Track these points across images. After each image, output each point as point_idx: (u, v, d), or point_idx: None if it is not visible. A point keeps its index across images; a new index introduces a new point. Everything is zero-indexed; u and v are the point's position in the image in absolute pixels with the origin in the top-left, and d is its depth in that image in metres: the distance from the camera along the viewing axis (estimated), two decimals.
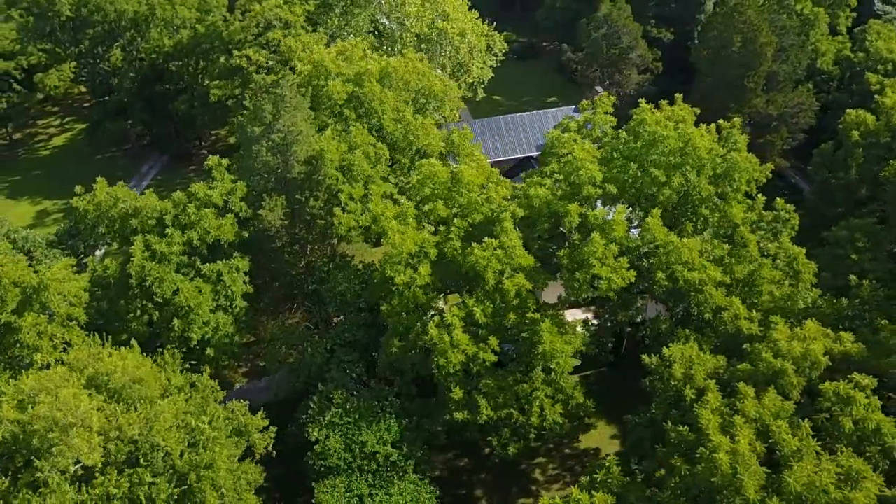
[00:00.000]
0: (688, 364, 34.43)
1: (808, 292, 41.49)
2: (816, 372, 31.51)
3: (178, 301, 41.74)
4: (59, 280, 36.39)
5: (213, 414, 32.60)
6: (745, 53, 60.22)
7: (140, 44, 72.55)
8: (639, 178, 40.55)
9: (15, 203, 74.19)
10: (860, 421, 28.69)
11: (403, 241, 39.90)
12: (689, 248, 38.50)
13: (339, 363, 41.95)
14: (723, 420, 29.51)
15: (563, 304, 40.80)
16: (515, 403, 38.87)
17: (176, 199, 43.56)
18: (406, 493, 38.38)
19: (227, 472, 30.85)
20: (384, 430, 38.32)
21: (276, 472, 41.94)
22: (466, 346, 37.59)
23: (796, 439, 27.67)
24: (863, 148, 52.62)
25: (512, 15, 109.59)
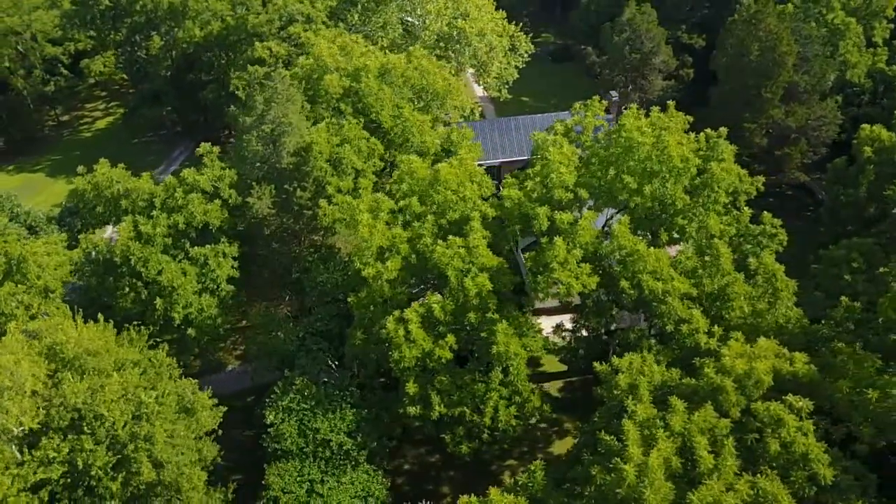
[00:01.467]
0: (636, 374, 33.95)
1: (789, 310, 40.20)
2: (759, 391, 30.65)
3: (161, 281, 43.48)
4: (38, 254, 38.48)
5: (162, 390, 33.91)
6: (763, 62, 58.43)
7: (175, 34, 75.38)
8: (611, 184, 40.04)
9: (53, 181, 78.26)
10: (788, 444, 27.81)
11: (372, 234, 40.52)
12: (656, 258, 37.87)
13: (308, 351, 42.91)
14: (649, 433, 29.03)
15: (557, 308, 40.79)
16: (470, 402, 38.99)
17: (167, 184, 45.34)
18: (357, 482, 39.05)
19: (165, 444, 32.06)
20: (339, 419, 39.05)
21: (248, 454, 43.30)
22: (423, 342, 37.93)
23: (711, 456, 27.02)
24: (874, 165, 50.48)
25: (552, 17, 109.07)
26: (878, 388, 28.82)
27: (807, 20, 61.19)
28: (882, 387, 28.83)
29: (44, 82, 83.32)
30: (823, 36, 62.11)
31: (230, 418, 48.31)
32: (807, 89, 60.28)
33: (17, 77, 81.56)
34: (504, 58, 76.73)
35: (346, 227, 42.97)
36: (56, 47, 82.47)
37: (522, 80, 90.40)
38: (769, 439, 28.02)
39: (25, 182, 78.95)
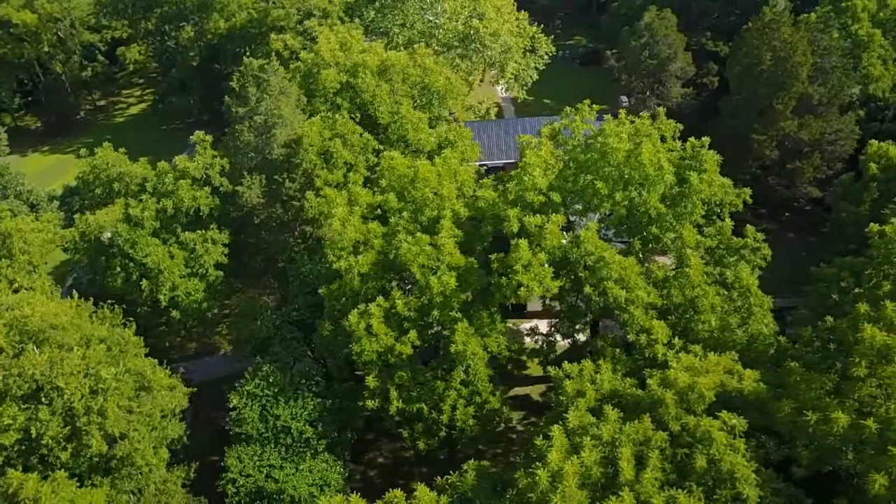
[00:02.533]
0: (585, 381, 33.70)
1: (764, 327, 39.23)
2: (701, 406, 30.08)
3: (147, 263, 44.96)
4: (25, 231, 40.30)
5: (123, 367, 35.11)
6: (775, 72, 56.87)
7: (204, 24, 77.50)
8: (583, 190, 39.69)
9: (80, 162, 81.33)
10: (716, 461, 27.25)
11: (345, 228, 41.09)
12: (621, 265, 37.45)
13: (282, 339, 43.75)
14: (579, 440, 28.81)
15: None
16: (429, 399, 39.23)
17: (160, 169, 46.81)
18: (316, 470, 39.67)
19: (118, 420, 33.23)
20: (300, 408, 39.74)
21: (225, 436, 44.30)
22: (384, 337, 38.31)
23: (632, 468, 26.67)
24: (879, 182, 48.73)
25: (587, 20, 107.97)
26: (819, 411, 27.95)
27: (827, 30, 59.21)
28: (823, 409, 27.96)
29: (81, 68, 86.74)
30: (845, 48, 60.03)
31: (214, 400, 49.93)
32: (822, 102, 58.39)
33: (56, 62, 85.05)
34: (523, 59, 76.51)
35: (324, 219, 43.66)
36: (94, 34, 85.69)
37: (547, 82, 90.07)
38: (697, 455, 27.49)
39: (57, 162, 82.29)
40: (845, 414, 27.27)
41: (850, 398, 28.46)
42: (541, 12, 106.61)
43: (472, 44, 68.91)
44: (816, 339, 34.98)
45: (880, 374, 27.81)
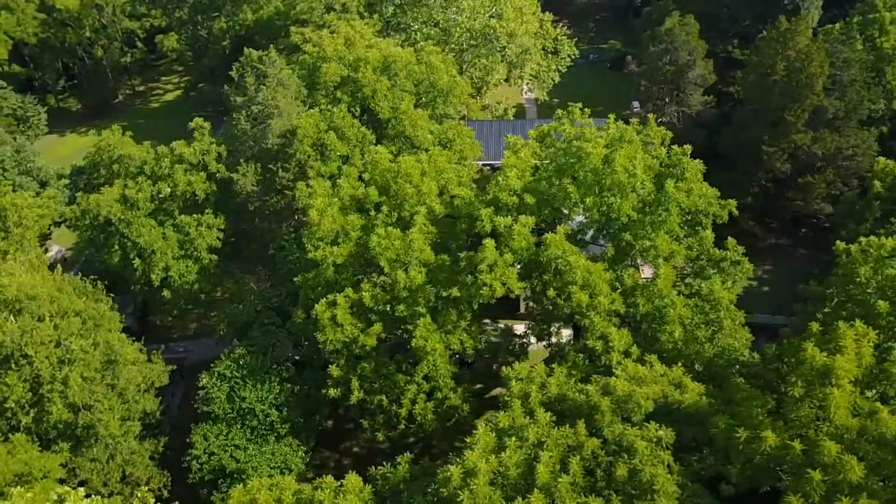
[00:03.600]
0: (539, 382, 33.70)
1: (735, 341, 38.47)
2: (638, 415, 29.78)
3: (140, 243, 46.66)
4: (20, 206, 42.38)
5: (93, 340, 36.65)
6: (789, 83, 55.30)
7: (234, 16, 79.51)
8: (554, 193, 39.53)
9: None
10: (637, 471, 26.98)
11: (322, 218, 41.86)
12: (587, 270, 37.20)
13: (261, 325, 44.84)
14: (507, 440, 28.89)
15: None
16: (390, 392, 39.71)
17: (158, 153, 48.46)
18: (278, 453, 40.64)
19: (82, 390, 34.72)
20: (267, 391, 40.72)
21: None
22: (350, 327, 38.94)
23: (547, 472, 26.62)
24: (882, 201, 47.02)
25: (623, 24, 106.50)
26: (750, 429, 27.38)
27: (848, 42, 57.24)
28: (754, 427, 27.38)
29: (122, 54, 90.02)
30: (868, 61, 57.95)
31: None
32: (838, 115, 56.49)
33: (98, 47, 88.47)
34: (544, 60, 76.15)
35: (307, 209, 44.43)
36: (134, 21, 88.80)
37: (573, 85, 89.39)
38: (619, 464, 27.26)
39: (92, 143, 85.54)
40: (775, 433, 26.67)
41: (787, 418, 27.80)
42: (576, 14, 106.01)
43: (489, 43, 68.89)
44: (779, 358, 34.27)
45: (816, 396, 27.05)
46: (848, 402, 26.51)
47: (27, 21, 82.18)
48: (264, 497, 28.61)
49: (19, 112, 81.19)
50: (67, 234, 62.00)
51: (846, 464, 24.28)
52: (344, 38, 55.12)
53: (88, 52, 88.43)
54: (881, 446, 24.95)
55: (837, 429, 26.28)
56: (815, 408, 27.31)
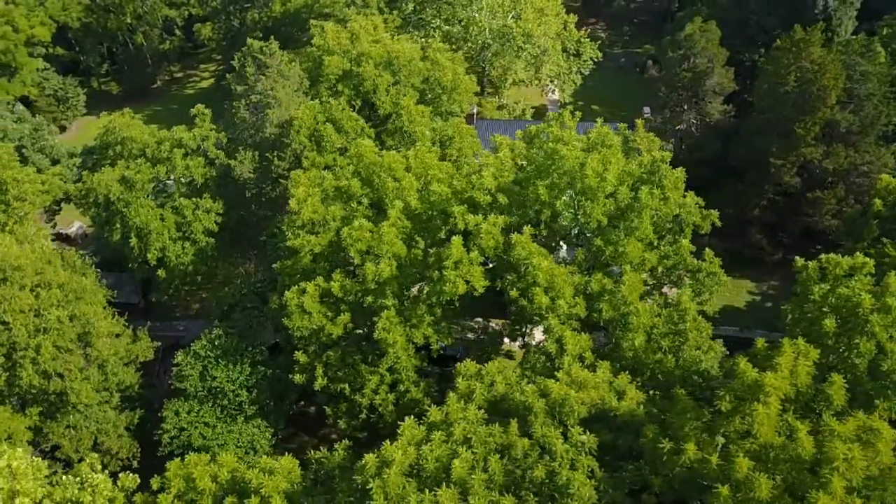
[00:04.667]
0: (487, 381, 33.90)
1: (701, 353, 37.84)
2: (572, 419, 29.70)
3: (136, 222, 48.43)
4: (19, 180, 44.56)
5: (72, 313, 38.34)
6: (801, 94, 53.75)
7: (265, 7, 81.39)
8: (528, 194, 39.52)
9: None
10: (554, 474, 26.97)
11: (302, 207, 42.79)
12: (550, 272, 37.14)
13: (243, 308, 46.09)
14: (435, 434, 29.20)
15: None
16: (354, 382, 40.36)
17: (160, 137, 50.18)
18: (245, 433, 41.77)
19: (53, 358, 36.41)
20: (238, 372, 41.86)
21: None
22: (317, 316, 39.73)
23: (464, 469, 26.82)
24: (880, 220, 45.41)
25: (661, 29, 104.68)
26: (673, 441, 27.06)
27: (868, 55, 55.21)
28: (678, 439, 27.03)
29: (161, 40, 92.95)
30: (890, 75, 55.85)
31: None
32: (852, 130, 54.63)
33: (138, 33, 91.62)
34: (565, 62, 75.68)
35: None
36: (173, 10, 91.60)
37: (600, 88, 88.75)
38: (538, 465, 27.28)
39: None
40: (698, 447, 26.32)
41: (716, 432, 27.37)
42: (612, 17, 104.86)
43: (506, 43, 68.89)
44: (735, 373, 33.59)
45: (745, 411, 26.55)
46: (774, 419, 25.95)
47: (72, 5, 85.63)
48: (199, 471, 29.59)
49: (60, 93, 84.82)
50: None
51: (755, 481, 23.83)
52: (350, 32, 55.92)
53: (129, 37, 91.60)
54: (797, 466, 24.38)
55: (761, 446, 25.79)
56: (745, 423, 26.82)
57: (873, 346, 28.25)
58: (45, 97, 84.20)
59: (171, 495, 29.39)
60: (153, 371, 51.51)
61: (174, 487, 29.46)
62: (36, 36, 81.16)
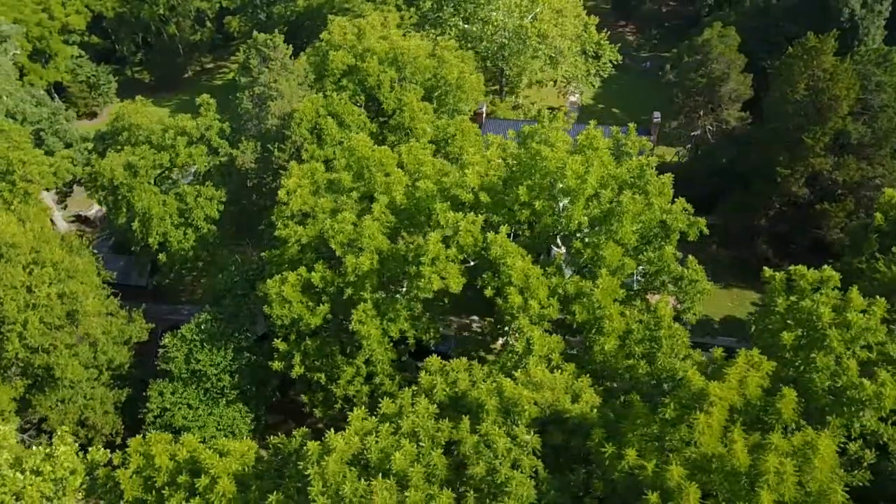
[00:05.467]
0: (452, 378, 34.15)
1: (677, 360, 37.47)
2: (523, 419, 29.72)
3: (138, 207, 49.89)
4: (23, 161, 46.33)
5: (62, 291, 39.75)
6: (812, 103, 52.55)
7: (289, 1, 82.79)
8: (506, 194, 39.56)
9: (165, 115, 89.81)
10: (495, 471, 27.06)
11: (291, 198, 43.56)
12: (525, 272, 37.16)
13: (234, 295, 47.09)
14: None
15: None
16: (331, 371, 40.97)
17: (166, 124, 51.54)
18: (225, 416, 42.75)
19: (38, 333, 37.85)
20: (221, 357, 42.85)
21: None
22: (297, 305, 40.44)
23: (407, 463, 27.12)
24: (880, 235, 44.17)
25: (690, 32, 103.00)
26: (616, 445, 26.92)
27: (885, 65, 53.61)
28: (622, 445, 26.88)
29: (192, 31, 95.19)
30: None
31: None
32: (864, 142, 53.19)
33: (170, 24, 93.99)
34: (584, 64, 75.18)
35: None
36: (204, 2, 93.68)
37: (621, 91, 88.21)
38: (478, 462, 27.42)
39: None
40: (638, 452, 26.15)
41: (662, 439, 27.15)
42: (642, 20, 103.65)
43: (521, 43, 68.72)
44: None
45: (689, 420, 26.27)
46: (717, 429, 25.63)
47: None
48: (158, 449, 30.44)
49: (92, 80, 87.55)
50: None
51: (685, 490, 23.61)
52: (357, 27, 56.54)
53: (162, 28, 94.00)
54: (731, 477, 24.05)
55: (702, 456, 25.49)
56: (689, 432, 26.55)
57: (832, 361, 27.63)
58: (78, 83, 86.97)
59: (130, 471, 30.29)
60: (153, 353, 52.94)
61: (133, 463, 30.36)
62: (71, 24, 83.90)
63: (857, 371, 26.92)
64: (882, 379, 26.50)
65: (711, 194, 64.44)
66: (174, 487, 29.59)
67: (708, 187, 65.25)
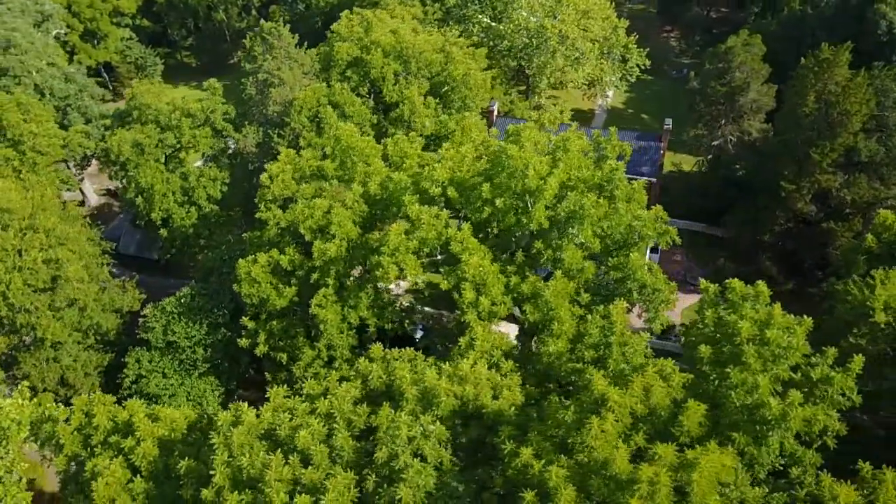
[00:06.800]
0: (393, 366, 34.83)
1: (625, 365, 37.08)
2: (438, 410, 30.12)
3: (143, 183, 52.25)
4: (33, 133, 49.19)
5: (49, 257, 42.15)
6: (820, 117, 50.64)
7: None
8: (470, 191, 39.76)
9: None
10: (396, 457, 27.57)
11: (273, 182, 44.91)
12: (480, 269, 37.37)
13: (219, 273, 48.85)
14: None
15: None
16: (293, 352, 42.10)
17: (174, 105, 53.73)
18: (196, 387, 44.48)
19: (20, 293, 40.27)
20: (196, 330, 44.56)
21: None
22: (265, 286, 41.73)
23: (307, 437, 27.93)
24: (868, 255, 42.41)
25: None
26: (516, 444, 27.06)
27: None
28: (526, 443, 26.99)
29: (239, 19, 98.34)
30: None
31: None
32: (875, 160, 50.95)
33: (219, 11, 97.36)
34: (610, 67, 74.21)
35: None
36: None
37: (654, 97, 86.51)
38: (382, 447, 27.96)
39: (195, 95, 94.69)
40: (533, 451, 26.26)
41: (565, 441, 27.11)
42: (686, 26, 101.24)
43: (542, 43, 68.38)
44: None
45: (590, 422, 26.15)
46: (612, 435, 25.44)
47: None
48: (99, 409, 32.14)
49: (140, 61, 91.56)
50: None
51: (560, 492, 23.64)
52: (366, 20, 57.50)
53: (210, 14, 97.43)
54: (610, 483, 23.90)
55: (592, 459, 25.38)
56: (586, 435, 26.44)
57: (750, 377, 26.87)
58: (127, 64, 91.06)
59: (72, 427, 32.12)
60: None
61: (75, 420, 32.18)
62: (122, 7, 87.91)
63: (769, 389, 26.18)
64: (791, 399, 25.73)
65: (726, 206, 62.94)
66: (106, 446, 31.19)
67: (722, 199, 63.72)
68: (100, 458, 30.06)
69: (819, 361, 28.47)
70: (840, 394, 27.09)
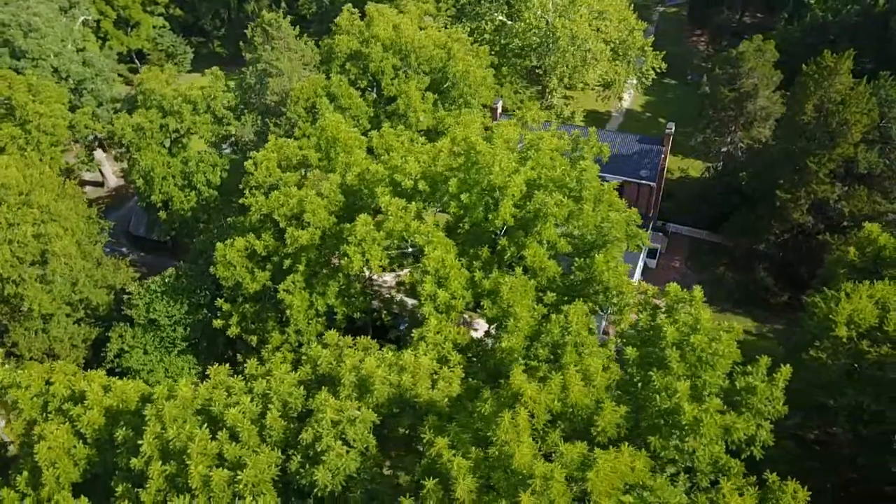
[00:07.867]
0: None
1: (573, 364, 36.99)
2: (371, 399, 30.65)
3: (143, 165, 54.01)
4: (39, 113, 51.29)
5: (39, 232, 44.02)
6: (819, 126, 49.42)
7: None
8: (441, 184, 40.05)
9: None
10: (319, 439, 28.20)
11: (257, 168, 45.99)
12: (442, 263, 37.70)
13: (207, 257, 50.13)
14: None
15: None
16: (263, 336, 43.09)
17: (178, 92, 55.35)
18: (173, 365, 45.90)
19: (8, 264, 42.17)
20: (176, 309, 45.96)
21: None
22: (240, 269, 42.80)
23: (236, 414, 28.71)
24: (849, 268, 41.31)
25: None
26: (434, 433, 27.40)
27: None
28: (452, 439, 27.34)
29: (269, 10, 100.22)
30: None
31: None
32: (873, 171, 49.47)
33: (250, 3, 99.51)
34: (624, 69, 73.52)
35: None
36: None
37: (674, 100, 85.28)
38: (307, 429, 28.61)
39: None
40: (449, 442, 26.56)
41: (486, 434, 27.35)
42: (715, 30, 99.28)
43: (552, 43, 68.14)
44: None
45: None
46: (524, 429, 25.57)
47: None
48: (57, 378, 33.56)
49: (171, 49, 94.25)
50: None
51: (458, 481, 23.95)
52: (368, 14, 58.18)
53: (241, 6, 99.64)
54: (509, 477, 24.08)
55: (502, 452, 25.55)
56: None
57: (671, 380, 26.59)
58: (158, 52, 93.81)
59: (31, 393, 33.63)
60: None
61: (34, 387, 33.68)
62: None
63: (686, 395, 25.89)
64: (707, 406, 25.44)
65: (729, 213, 61.81)
66: (59, 413, 32.57)
67: (725, 206, 62.57)
68: (48, 424, 31.39)
69: (752, 370, 28.01)
70: (765, 404, 26.63)
